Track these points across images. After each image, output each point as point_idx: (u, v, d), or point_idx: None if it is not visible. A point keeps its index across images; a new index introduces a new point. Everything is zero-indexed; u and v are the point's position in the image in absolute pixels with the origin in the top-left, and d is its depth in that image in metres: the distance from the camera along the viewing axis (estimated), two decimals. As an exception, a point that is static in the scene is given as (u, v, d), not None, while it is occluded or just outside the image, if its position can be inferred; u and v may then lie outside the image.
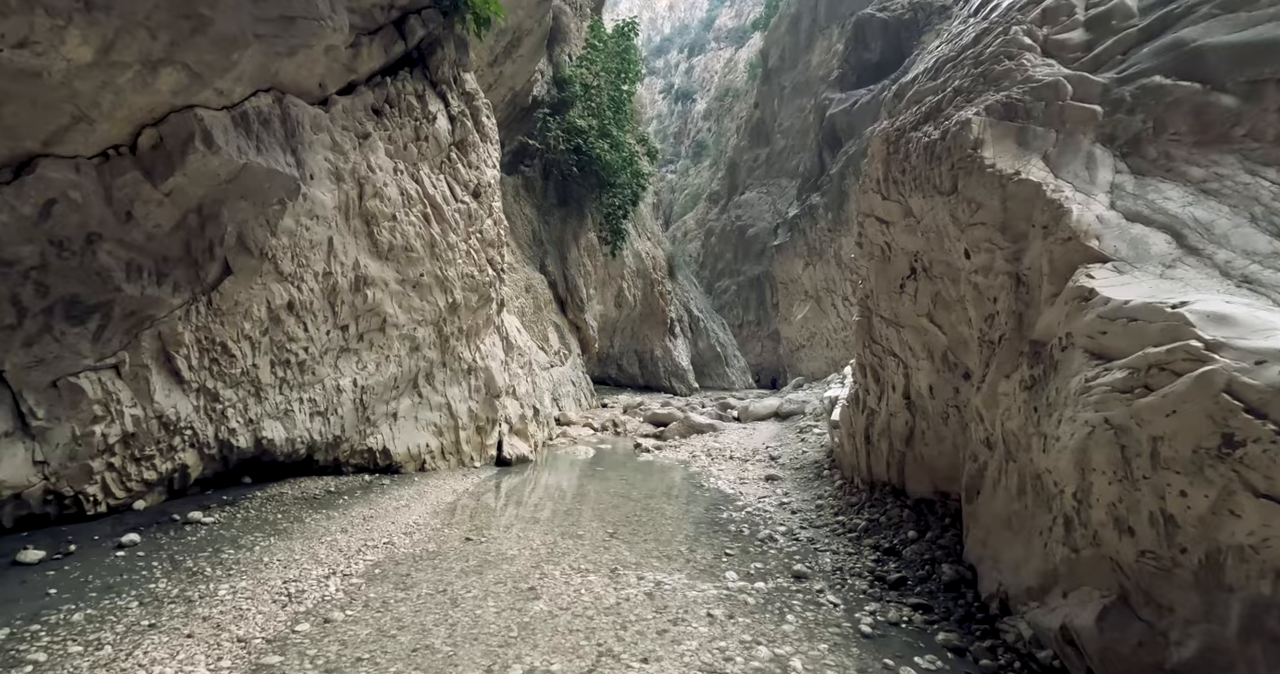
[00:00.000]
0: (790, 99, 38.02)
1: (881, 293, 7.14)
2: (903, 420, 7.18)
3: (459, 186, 9.78)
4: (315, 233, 7.39)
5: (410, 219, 8.82)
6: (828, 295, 21.44)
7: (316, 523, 7.14)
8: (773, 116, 39.82)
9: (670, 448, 14.47)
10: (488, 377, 11.54)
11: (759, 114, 41.09)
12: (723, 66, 53.87)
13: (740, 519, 8.25)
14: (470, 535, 7.19)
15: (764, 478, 10.53)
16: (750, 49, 50.14)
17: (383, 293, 8.67)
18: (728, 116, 49.59)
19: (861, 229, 7.27)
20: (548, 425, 15.73)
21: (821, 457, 10.66)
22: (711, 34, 56.67)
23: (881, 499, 7.43)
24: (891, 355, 7.29)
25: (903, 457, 7.29)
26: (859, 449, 8.13)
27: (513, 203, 21.21)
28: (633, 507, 8.84)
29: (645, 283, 27.11)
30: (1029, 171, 4.57)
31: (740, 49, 52.42)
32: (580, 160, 20.67)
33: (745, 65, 49.17)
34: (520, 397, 13.39)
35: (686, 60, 57.91)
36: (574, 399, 21.14)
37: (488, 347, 11.75)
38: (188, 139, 5.55)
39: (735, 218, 41.10)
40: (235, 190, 6.17)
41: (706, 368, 32.19)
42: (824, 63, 32.12)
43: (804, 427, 13.16)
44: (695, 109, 54.89)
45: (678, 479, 11.05)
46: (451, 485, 9.73)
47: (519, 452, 12.35)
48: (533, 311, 20.04)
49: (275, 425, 7.57)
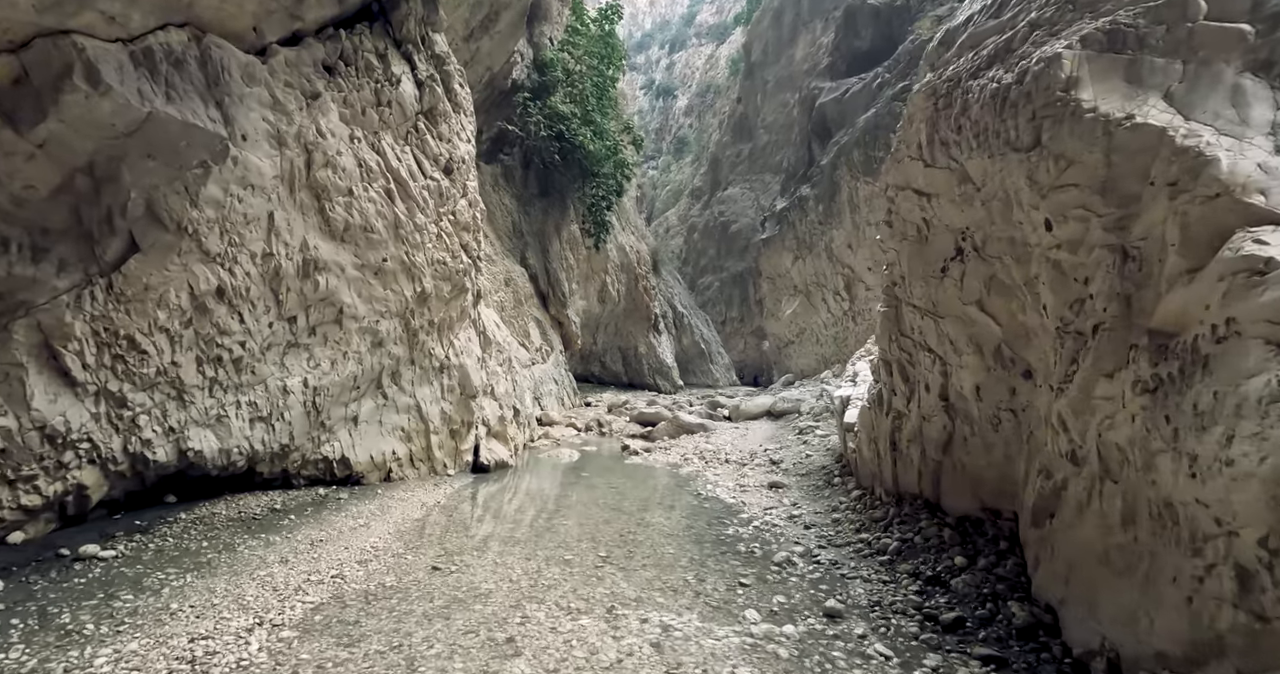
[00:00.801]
0: (773, 94, 37.08)
1: (916, 278, 6.09)
2: (939, 425, 6.14)
3: (428, 161, 8.53)
4: (251, 206, 6.11)
5: (370, 195, 7.56)
6: (818, 290, 20.49)
7: (251, 552, 5.87)
8: (756, 112, 38.85)
9: (660, 450, 13.36)
10: (462, 375, 10.30)
11: (742, 109, 40.09)
12: (704, 63, 52.80)
13: (749, 536, 7.16)
14: (438, 563, 5.99)
15: (767, 485, 9.45)
16: (731, 45, 49.14)
17: (338, 279, 7.40)
18: (709, 112, 48.54)
19: (892, 205, 6.20)
20: (529, 427, 14.52)
21: (829, 462, 9.62)
22: (692, 30, 55.52)
23: (913, 515, 6.38)
24: (925, 350, 6.25)
25: (938, 467, 6.25)
26: (882, 456, 7.09)
27: (491, 192, 19.91)
28: (625, 522, 7.70)
29: (629, 277, 25.95)
30: (1146, 114, 3.51)
31: (721, 45, 51.39)
32: (562, 148, 19.42)
33: (727, 61, 48.16)
34: (499, 396, 12.17)
35: (668, 56, 56.71)
36: (557, 398, 19.94)
37: (462, 342, 10.51)
38: (63, 74, 4.28)
39: (718, 213, 40.09)
40: (139, 146, 4.89)
41: (691, 365, 31.15)
42: (809, 56, 31.19)
43: (803, 427, 12.14)
44: (676, 105, 53.76)
45: (671, 486, 9.94)
46: (420, 498, 8.49)
47: (498, 456, 11.14)
48: (513, 306, 18.79)
49: (204, 434, 6.28)
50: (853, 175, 18.24)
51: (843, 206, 18.83)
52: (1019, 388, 5.15)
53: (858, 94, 19.18)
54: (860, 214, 18.18)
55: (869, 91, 18.67)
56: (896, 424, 6.81)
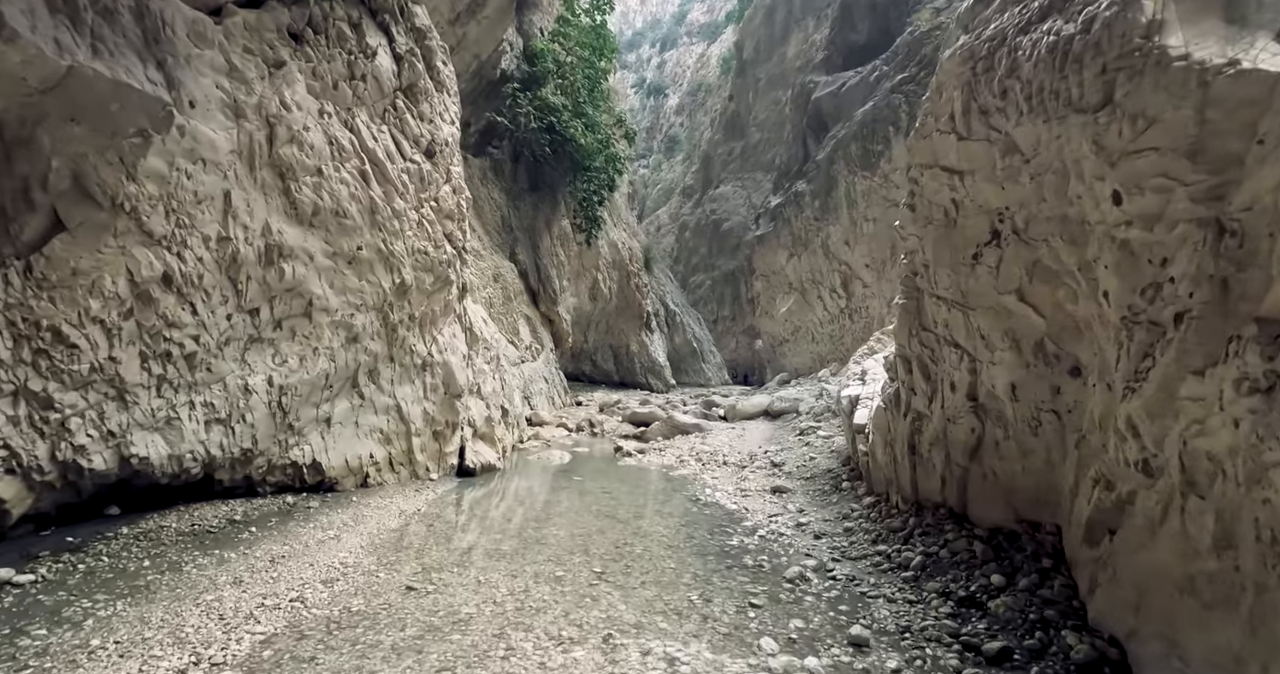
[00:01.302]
0: (765, 92, 36.55)
1: (942, 266, 5.47)
2: (966, 427, 5.52)
3: (407, 142, 7.82)
4: (203, 183, 5.39)
5: (342, 177, 6.84)
6: (813, 287, 19.91)
7: (200, 571, 5.15)
8: (748, 110, 38.30)
9: (654, 451, 12.72)
10: (447, 373, 9.60)
11: (733, 107, 39.53)
12: (695, 62, 52.19)
13: (755, 547, 6.53)
14: (414, 581, 5.31)
15: (770, 490, 8.83)
16: (722, 44, 48.57)
17: (306, 268, 6.68)
18: (700, 111, 47.94)
19: (916, 186, 5.58)
20: (518, 427, 13.83)
21: (836, 465, 9.01)
22: (683, 29, 54.85)
23: (936, 526, 5.77)
24: (951, 346, 5.63)
25: (964, 473, 5.64)
26: (899, 461, 6.47)
27: (480, 186, 19.18)
28: (621, 531, 7.05)
29: (621, 275, 25.29)
30: (1254, 58, 2.90)
31: (713, 44, 50.81)
32: (553, 141, 18.71)
33: (718, 60, 47.57)
34: (486, 396, 11.47)
35: (658, 55, 56.00)
36: (547, 397, 19.24)
37: (447, 338, 9.81)
38: (-46, 12, 3.58)
39: (710, 212, 39.51)
40: (59, 107, 4.18)
41: (683, 364, 30.54)
42: (801, 53, 30.67)
43: (804, 428, 11.54)
44: (668, 104, 53.11)
45: (668, 490, 9.29)
46: (399, 505, 7.79)
47: (484, 459, 10.44)
48: (502, 302, 18.07)
49: (151, 439, 5.55)
50: (850, 170, 17.68)
51: (839, 202, 18.27)
52: (1064, 387, 4.55)
53: (854, 88, 18.62)
54: (858, 209, 17.62)
55: (866, 85, 18.12)
56: (916, 426, 6.19)
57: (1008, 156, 4.24)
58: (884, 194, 16.68)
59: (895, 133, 16.14)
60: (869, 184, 17.10)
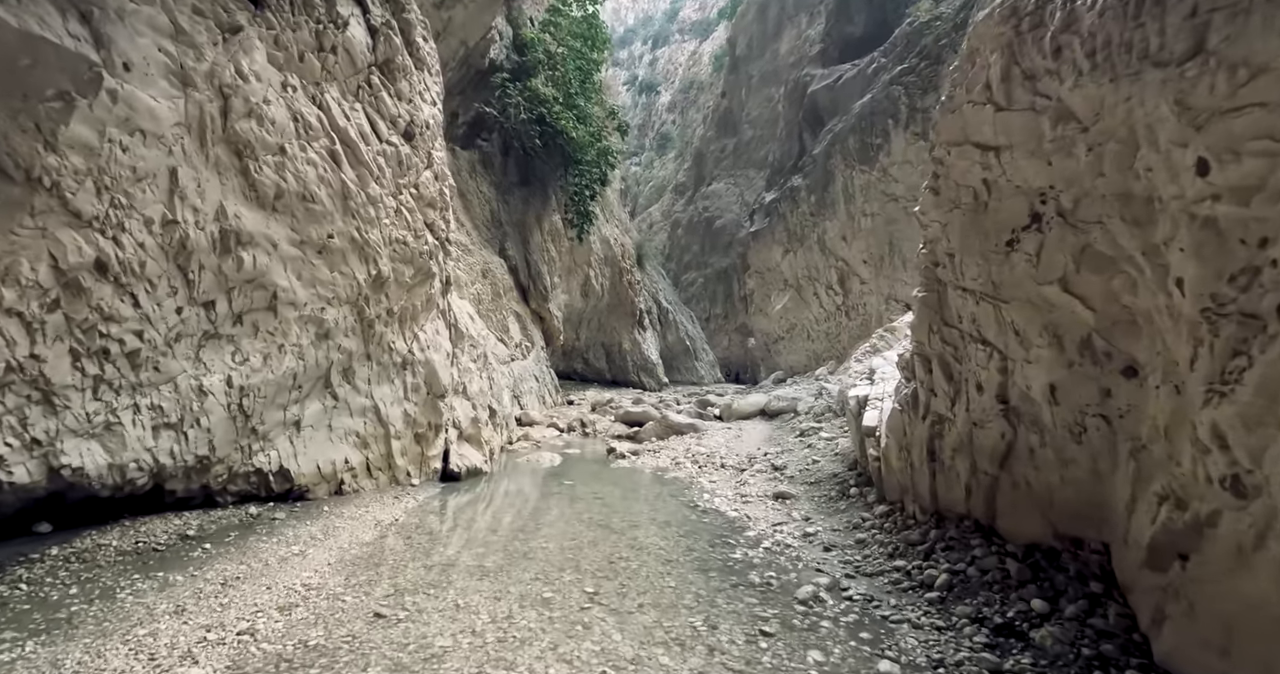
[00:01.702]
0: (759, 88, 36.02)
1: (970, 255, 4.90)
2: (995, 432, 4.97)
3: (384, 122, 7.16)
4: (143, 158, 4.72)
5: (310, 157, 6.18)
6: (809, 284, 19.38)
7: (137, 599, 4.49)
8: (740, 106, 37.76)
9: (648, 452, 12.13)
10: (429, 372, 8.96)
11: (726, 104, 38.97)
12: (687, 59, 51.58)
13: (761, 561, 5.95)
14: (384, 606, 4.69)
15: (772, 496, 8.26)
16: (714, 42, 48.01)
17: (269, 257, 6.02)
18: (693, 108, 47.34)
19: (941, 167, 5.01)
20: (506, 428, 13.20)
21: (841, 469, 8.44)
22: (675, 26, 54.19)
23: (961, 540, 5.21)
24: (978, 343, 5.07)
25: (993, 483, 5.08)
26: (917, 467, 5.91)
27: (468, 179, 18.50)
28: (615, 543, 6.45)
29: (613, 271, 24.66)
30: (1398, -12, 2.34)
31: (704, 41, 50.22)
32: (543, 133, 18.04)
33: (710, 58, 47.00)
34: (472, 396, 10.83)
35: (650, 52, 55.32)
36: (537, 396, 18.61)
37: (429, 335, 9.16)
38: None
39: (702, 209, 38.94)
40: (-45, 60, 3.53)
41: (675, 361, 29.97)
42: (795, 49, 30.12)
43: (805, 429, 10.99)
44: (659, 101, 52.47)
45: (664, 496, 8.71)
46: (375, 515, 7.16)
47: (470, 462, 9.81)
48: (490, 299, 17.42)
49: (86, 447, 4.88)
50: (847, 164, 17.14)
51: (836, 197, 17.74)
52: (1117, 388, 3.99)
53: (852, 80, 18.09)
54: (855, 204, 17.10)
55: (864, 78, 17.59)
56: (936, 430, 5.63)
57: (1059, 125, 3.66)
58: (883, 188, 16.16)
59: (895, 126, 15.62)
60: (867, 178, 16.57)
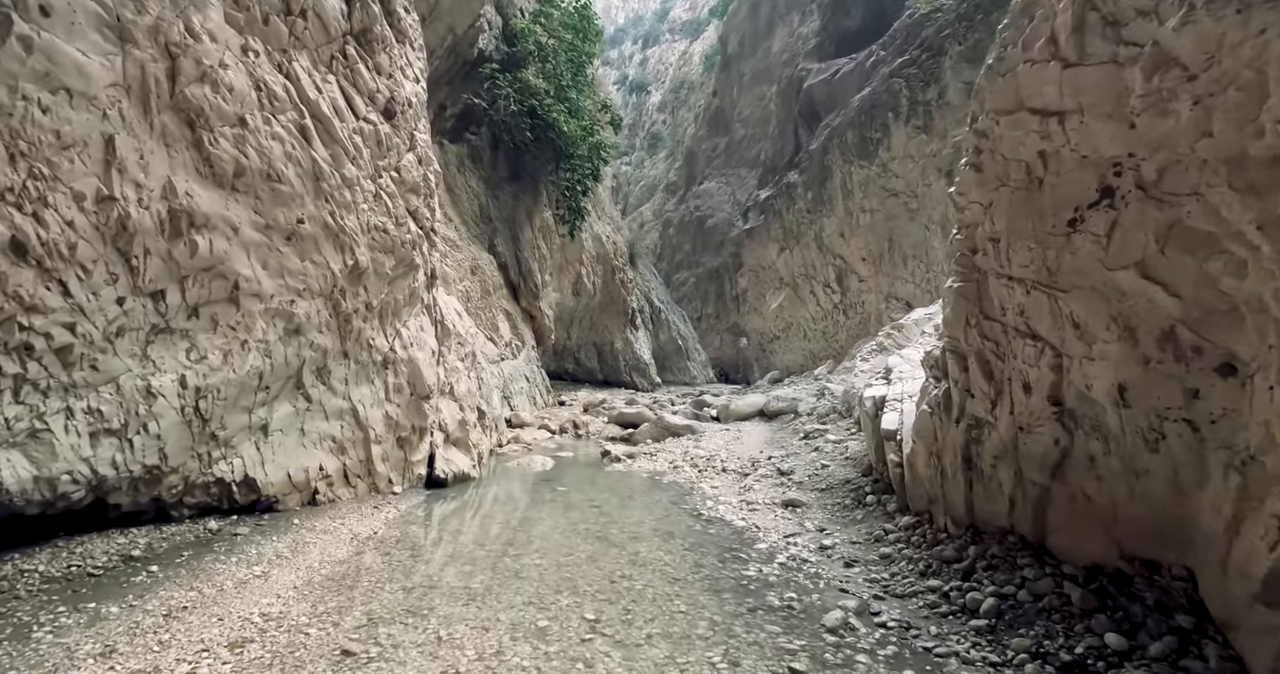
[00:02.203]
0: (750, 87, 35.51)
1: (1019, 238, 4.30)
2: (1047, 438, 4.37)
3: (361, 98, 6.46)
4: (70, 121, 4.01)
5: (275, 131, 5.47)
6: (806, 282, 18.83)
7: (59, 636, 3.77)
8: (732, 105, 37.23)
9: (644, 455, 11.49)
10: (412, 371, 8.25)
11: (718, 102, 38.43)
12: (678, 59, 51.02)
13: (778, 579, 5.32)
14: (353, 641, 4.01)
15: (781, 504, 7.64)
16: (705, 41, 47.50)
17: (229, 242, 5.30)
18: (683, 108, 46.78)
19: (985, 140, 4.41)
20: (496, 430, 12.51)
21: (854, 475, 7.84)
22: (666, 25, 53.60)
23: (1006, 558, 4.61)
24: (1027, 338, 4.47)
25: (1043, 494, 4.48)
26: (949, 475, 5.31)
27: (457, 174, 17.78)
28: (615, 558, 5.81)
29: (605, 269, 24.00)
30: None
31: (695, 41, 49.71)
32: (534, 126, 17.33)
33: (701, 57, 46.48)
34: (460, 397, 10.13)
35: (641, 52, 54.68)
36: (528, 397, 17.91)
37: (413, 332, 8.45)
38: None
39: (694, 208, 38.36)
40: None
41: (667, 361, 29.34)
42: (787, 47, 29.62)
43: (809, 431, 10.39)
44: (650, 101, 51.87)
45: (664, 503, 8.07)
46: (351, 527, 6.46)
47: (457, 467, 9.12)
48: (480, 296, 16.70)
49: (7, 458, 4.14)
50: (846, 159, 16.60)
51: (834, 193, 17.19)
52: (1208, 389, 3.40)
53: (849, 75, 17.56)
54: (854, 200, 16.56)
55: (862, 71, 17.06)
56: (974, 435, 5.03)
57: (1155, 77, 3.06)
58: (882, 184, 15.63)
59: (895, 119, 15.09)
60: (866, 174, 16.03)
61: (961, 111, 13.60)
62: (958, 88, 13.68)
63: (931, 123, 14.10)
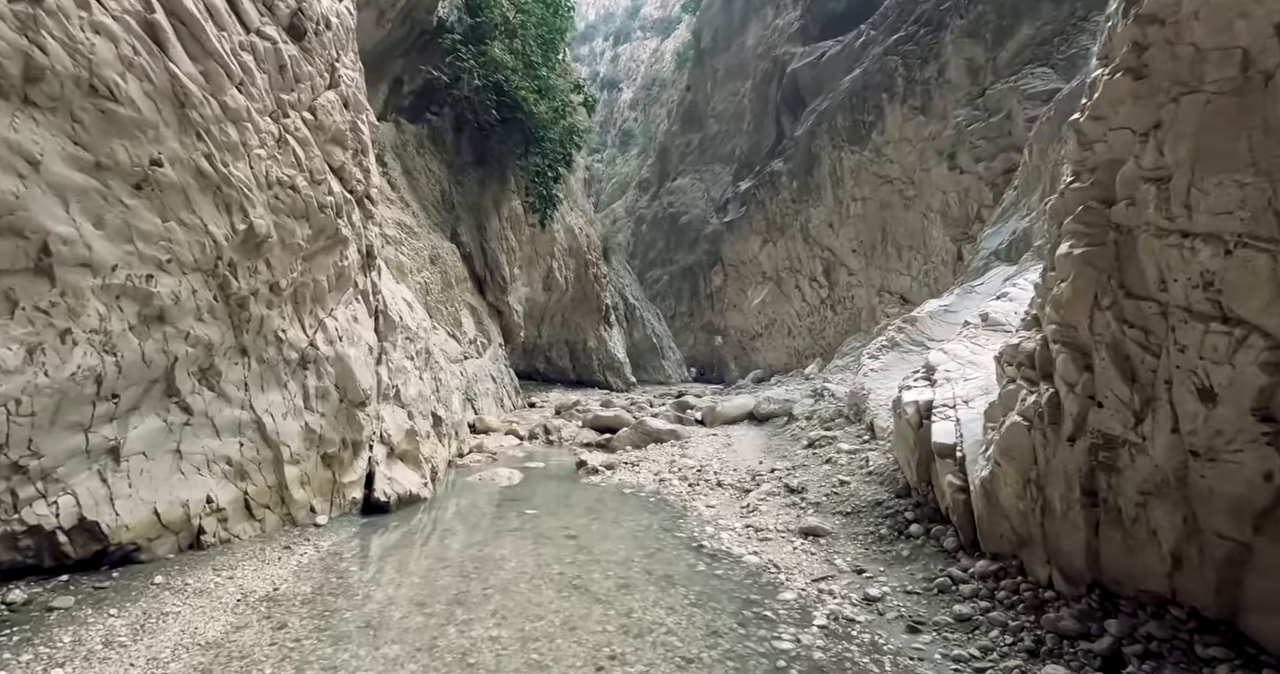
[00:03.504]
0: (724, 82, 34.12)
1: (1215, 172, 2.79)
2: (1251, 471, 2.86)
3: (254, 5, 4.63)
4: None
5: (102, 21, 3.63)
6: (790, 276, 17.41)
7: None
8: (706, 100, 35.80)
9: (625, 465, 9.84)
10: (343, 372, 6.43)
11: (691, 98, 36.97)
12: (649, 56, 49.43)
13: (823, 655, 3.75)
14: None
15: (798, 531, 6.06)
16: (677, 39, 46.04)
17: (23, 183, 3.45)
18: (656, 105, 45.23)
19: (1157, 30, 2.90)
20: (456, 438, 10.70)
21: (887, 496, 6.30)
22: (637, 23, 51.88)
23: (1175, 643, 3.07)
24: (1210, 321, 2.95)
25: (1240, 555, 2.96)
26: (1059, 511, 3.78)
27: (416, 156, 15.83)
28: (600, 622, 4.17)
29: (578, 263, 22.22)
30: None
31: (667, 39, 48.20)
32: (501, 104, 15.48)
33: (673, 55, 44.99)
34: (409, 402, 8.31)
35: (612, 48, 52.87)
36: (494, 399, 16.07)
37: (343, 323, 6.62)
38: None
39: (667, 205, 36.80)
40: None
41: (642, 360, 27.72)
42: (763, 40, 28.26)
43: (815, 439, 8.86)
44: (622, 98, 50.16)
45: (655, 531, 6.44)
46: (243, 581, 4.65)
47: (403, 487, 7.32)
48: (441, 289, 14.80)
49: None
50: (835, 145, 15.20)
51: (822, 181, 15.79)
52: None
53: (836, 57, 16.19)
54: (844, 188, 15.17)
55: (850, 53, 15.70)
56: (1104, 459, 3.51)
57: None
58: (875, 170, 14.25)
59: (889, 100, 13.73)
60: (857, 159, 14.65)
61: (964, 90, 12.32)
62: (959, 65, 12.37)
63: (930, 103, 12.76)
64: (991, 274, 9.14)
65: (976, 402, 5.09)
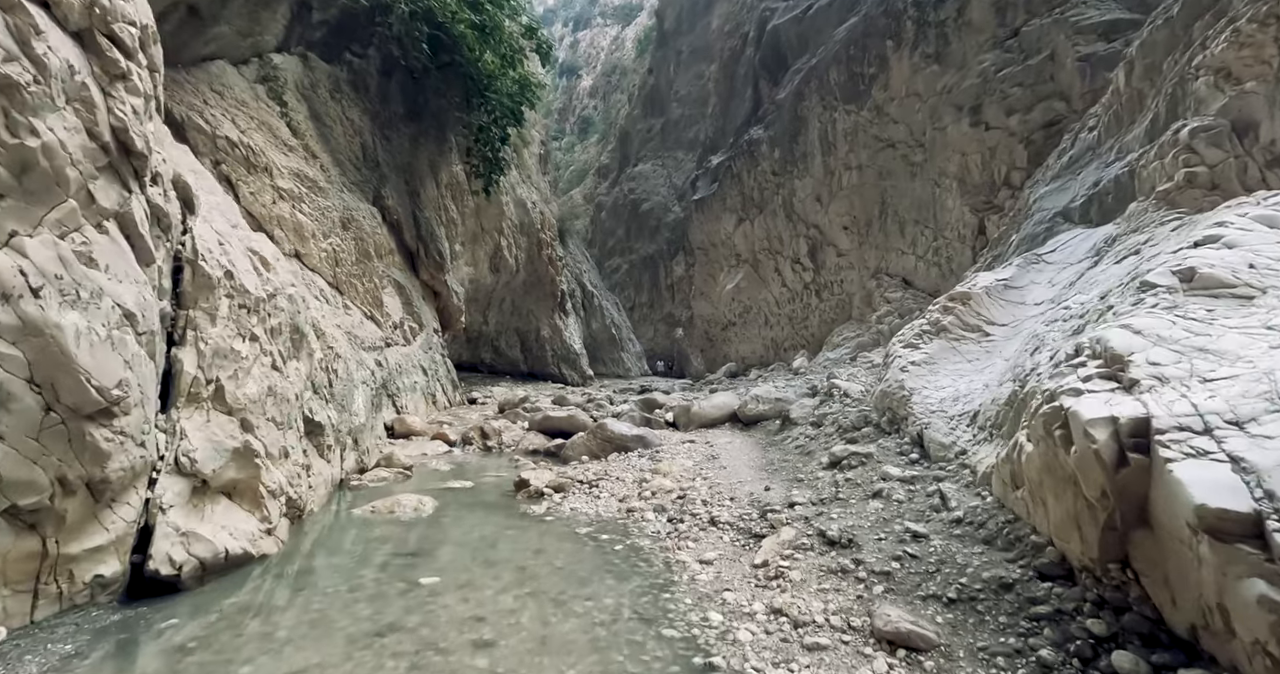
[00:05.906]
0: (689, 65, 31.44)
1: None
2: None
3: None
4: None
5: None
6: (769, 258, 14.83)
7: None
8: (669, 84, 33.04)
9: (580, 487, 6.99)
10: (43, 356, 3.29)
11: (654, 81, 34.13)
12: (610, 43, 46.28)
13: None
14: None
15: (870, 635, 3.33)
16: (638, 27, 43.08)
17: None
18: (616, 92, 42.18)
19: None
20: (354, 448, 7.61)
21: (1017, 572, 3.56)
22: (597, 9, 48.55)
23: None
24: None
25: None
26: None
27: (330, 101, 12.43)
28: None
29: (531, 243, 19.09)
30: None
31: (628, 27, 45.16)
32: (435, 42, 12.25)
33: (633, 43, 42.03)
34: (244, 404, 5.20)
35: (571, 35, 49.38)
36: (424, 394, 12.88)
37: (42, 262, 3.47)
38: None
39: (628, 191, 33.90)
40: None
41: (600, 352, 24.82)
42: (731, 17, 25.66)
43: (840, 456, 6.17)
44: (581, 85, 46.85)
45: (627, 620, 3.57)
46: None
47: (217, 546, 4.26)
48: (354, 261, 11.50)
49: None
50: (826, 105, 12.64)
51: (810, 148, 13.23)
52: None
53: (825, 9, 13.63)
54: (836, 155, 12.63)
55: (842, 5, 13.16)
56: None
57: None
58: (875, 132, 11.74)
59: (895, 49, 11.22)
60: (854, 121, 12.12)
61: (989, 32, 9.94)
62: (984, 2, 9.95)
63: (947, 49, 10.32)
64: (1062, 239, 6.70)
65: (1265, 422, 2.48)
